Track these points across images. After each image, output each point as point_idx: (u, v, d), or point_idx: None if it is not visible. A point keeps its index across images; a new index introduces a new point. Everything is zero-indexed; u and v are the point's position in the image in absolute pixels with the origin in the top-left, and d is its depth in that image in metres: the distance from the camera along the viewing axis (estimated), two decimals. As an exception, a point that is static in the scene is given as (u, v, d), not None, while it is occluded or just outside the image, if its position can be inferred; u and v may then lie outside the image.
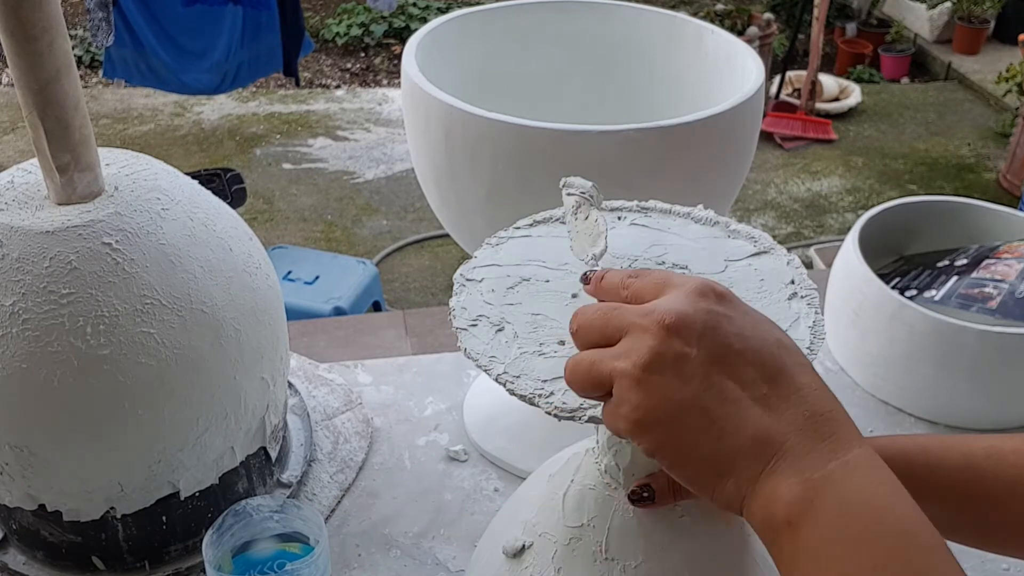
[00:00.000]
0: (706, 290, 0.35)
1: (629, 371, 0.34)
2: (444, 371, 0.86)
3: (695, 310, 0.34)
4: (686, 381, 0.34)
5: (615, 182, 0.64)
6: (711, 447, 0.33)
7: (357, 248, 2.66)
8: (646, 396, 0.34)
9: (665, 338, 0.34)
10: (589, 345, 0.37)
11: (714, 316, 0.34)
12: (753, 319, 0.36)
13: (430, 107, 0.66)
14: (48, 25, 0.54)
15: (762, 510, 0.33)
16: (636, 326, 0.35)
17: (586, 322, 0.37)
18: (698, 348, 0.34)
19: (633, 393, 0.34)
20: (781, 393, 0.33)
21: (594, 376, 0.36)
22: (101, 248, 0.56)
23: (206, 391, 0.60)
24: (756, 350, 0.34)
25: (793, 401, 0.33)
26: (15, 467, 0.58)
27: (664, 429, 0.34)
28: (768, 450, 0.33)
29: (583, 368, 0.36)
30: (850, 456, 0.32)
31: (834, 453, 0.32)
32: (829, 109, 3.48)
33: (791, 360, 0.34)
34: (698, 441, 0.34)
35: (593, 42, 0.83)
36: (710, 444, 0.33)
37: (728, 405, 0.33)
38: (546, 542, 0.46)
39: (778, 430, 0.33)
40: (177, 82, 2.37)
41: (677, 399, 0.34)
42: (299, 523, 0.61)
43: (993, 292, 0.79)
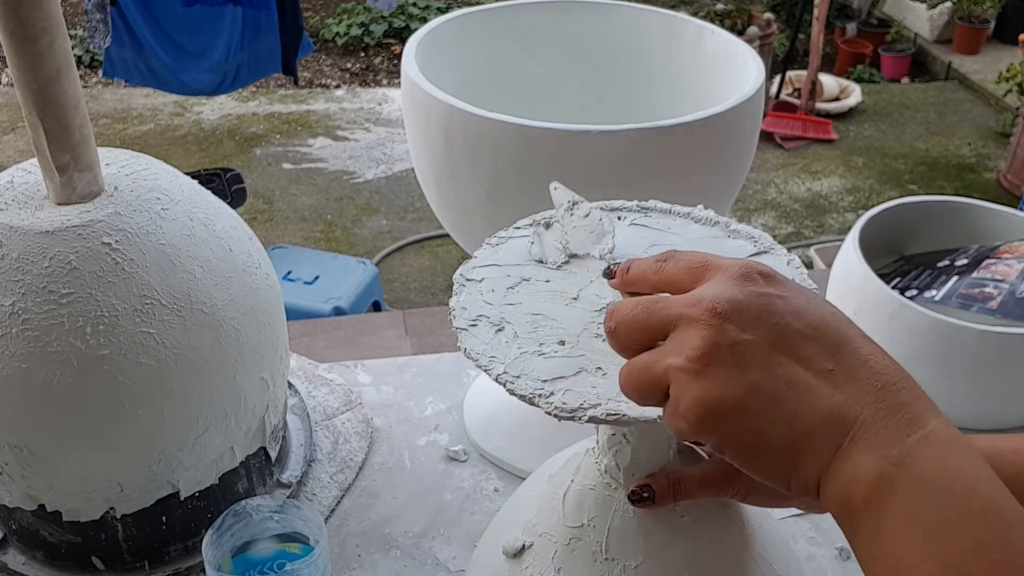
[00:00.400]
0: (751, 272, 0.34)
1: (685, 366, 0.32)
2: (444, 371, 0.86)
3: (746, 294, 0.33)
4: (747, 369, 0.32)
5: (615, 182, 0.64)
6: (782, 434, 0.32)
7: (357, 248, 2.66)
8: (707, 389, 0.32)
9: (719, 326, 0.32)
10: (631, 343, 0.35)
11: (766, 298, 0.33)
12: (805, 296, 0.34)
13: (430, 107, 0.66)
14: (48, 25, 0.54)
15: (839, 492, 0.31)
16: (685, 318, 0.33)
17: (626, 318, 0.35)
18: (755, 333, 0.32)
19: (692, 388, 0.32)
20: (847, 367, 0.32)
21: (649, 379, 0.34)
22: (101, 248, 0.56)
23: (206, 391, 0.60)
24: (815, 326, 0.33)
25: (861, 374, 0.32)
26: (15, 467, 0.58)
27: (731, 422, 0.32)
28: (842, 428, 0.31)
29: (636, 372, 0.34)
30: (928, 429, 0.31)
31: (911, 426, 0.31)
32: (829, 109, 3.48)
33: (851, 331, 0.33)
34: (768, 429, 0.32)
35: (593, 42, 0.83)
36: (781, 431, 0.32)
37: (795, 387, 0.32)
38: (546, 542, 0.46)
39: (850, 406, 0.31)
40: (176, 82, 2.37)
41: (741, 389, 0.32)
42: (299, 523, 0.61)
43: (993, 292, 0.79)
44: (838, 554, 0.69)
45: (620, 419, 0.39)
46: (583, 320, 0.43)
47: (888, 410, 0.31)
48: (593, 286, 0.46)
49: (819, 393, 0.32)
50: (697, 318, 0.33)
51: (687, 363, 0.32)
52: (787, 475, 0.32)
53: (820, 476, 0.32)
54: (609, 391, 0.40)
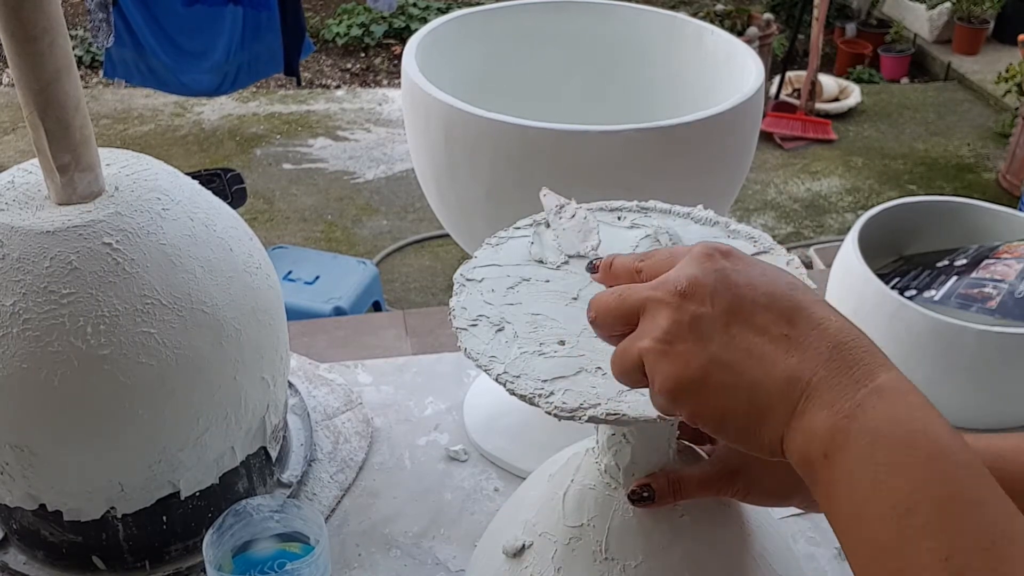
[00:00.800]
0: (710, 251, 0.36)
1: (653, 346, 0.35)
2: (444, 371, 0.86)
3: (703, 271, 0.35)
4: (707, 341, 0.34)
5: (615, 182, 0.64)
6: (744, 399, 0.34)
7: (357, 248, 2.66)
8: (672, 364, 0.34)
9: (679, 304, 0.34)
10: (609, 330, 0.37)
11: (722, 272, 0.35)
12: (761, 268, 0.36)
13: (430, 107, 0.66)
14: (49, 25, 0.54)
15: (799, 448, 0.33)
16: (651, 300, 0.35)
17: (602, 307, 0.37)
18: (712, 306, 0.34)
19: (661, 365, 0.34)
20: (801, 331, 0.33)
21: (627, 364, 0.36)
22: (101, 248, 0.56)
23: (206, 391, 0.60)
24: (769, 294, 0.34)
25: (814, 336, 0.33)
26: (16, 467, 0.58)
27: (696, 393, 0.34)
28: (797, 388, 0.33)
29: (618, 358, 0.37)
30: (878, 381, 0.32)
31: (862, 381, 0.32)
32: (829, 109, 3.48)
33: (805, 298, 0.35)
34: (731, 397, 0.34)
35: (593, 42, 0.83)
36: (743, 397, 0.34)
37: (752, 355, 0.34)
38: (546, 542, 0.46)
39: (804, 367, 0.33)
40: (177, 83, 2.37)
41: (701, 360, 0.34)
42: (299, 523, 0.61)
43: (992, 292, 0.79)
44: (837, 554, 0.69)
45: (620, 419, 0.39)
46: (583, 320, 0.43)
47: (841, 368, 0.33)
48: (593, 286, 0.46)
49: (775, 358, 0.33)
50: (660, 299, 0.35)
51: (654, 343, 0.35)
52: (754, 439, 0.34)
53: (782, 436, 0.33)
54: (609, 391, 0.40)
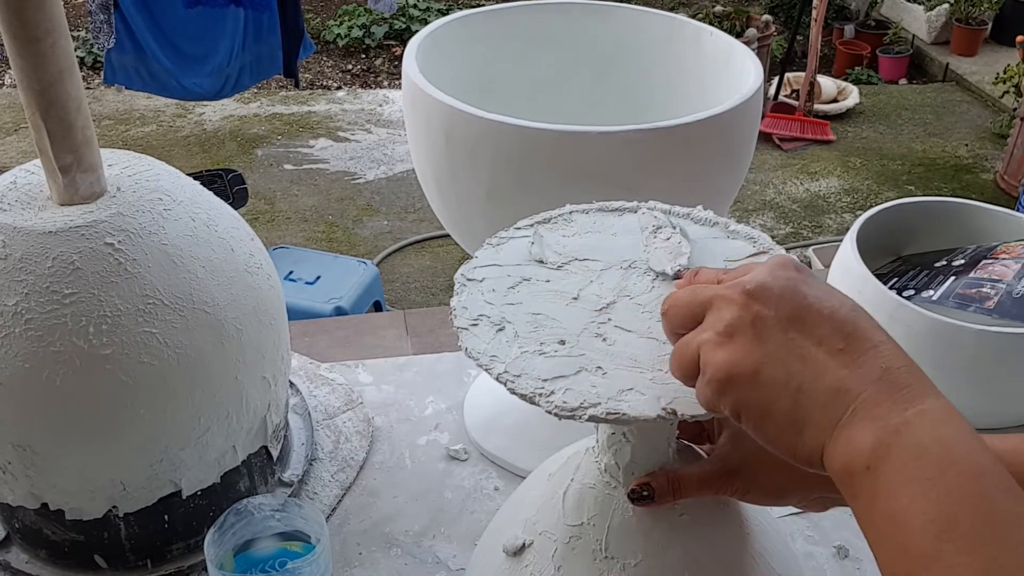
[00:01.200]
0: (786, 262, 0.38)
1: (713, 338, 0.36)
2: (445, 371, 0.86)
3: (774, 277, 0.36)
4: (765, 340, 0.35)
5: (615, 182, 0.64)
6: (790, 402, 0.35)
7: (358, 248, 2.66)
8: (727, 355, 0.35)
9: (745, 303, 0.36)
10: (677, 322, 0.39)
11: (792, 281, 0.36)
12: (829, 288, 0.37)
13: (431, 108, 0.67)
14: (51, 27, 0.54)
15: (841, 459, 0.34)
16: (720, 297, 0.37)
17: (675, 300, 0.39)
18: (776, 310, 0.35)
19: (715, 355, 0.36)
20: (857, 348, 0.35)
21: (686, 356, 0.37)
22: (103, 248, 0.56)
23: (208, 391, 0.60)
24: (833, 309, 0.36)
25: (869, 356, 0.34)
26: (18, 466, 0.59)
27: (745, 387, 0.35)
28: (845, 401, 0.34)
29: (678, 351, 0.38)
30: (926, 405, 0.33)
31: (910, 402, 0.33)
32: (827, 110, 3.48)
33: (866, 321, 0.36)
34: (777, 396, 0.35)
35: (593, 43, 0.83)
36: (789, 399, 0.35)
37: (805, 361, 0.35)
38: (546, 541, 0.47)
39: (854, 382, 0.34)
40: (178, 87, 2.37)
41: (755, 356, 0.35)
42: (300, 522, 0.61)
43: (990, 292, 0.80)
44: (836, 552, 0.70)
45: (620, 418, 0.39)
46: (583, 320, 0.44)
47: (891, 389, 0.33)
48: (593, 286, 0.46)
49: (827, 368, 0.34)
50: (729, 297, 0.37)
51: (715, 336, 0.36)
52: (793, 443, 0.35)
53: (823, 446, 0.34)
54: (609, 390, 0.40)
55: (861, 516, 0.34)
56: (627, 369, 0.41)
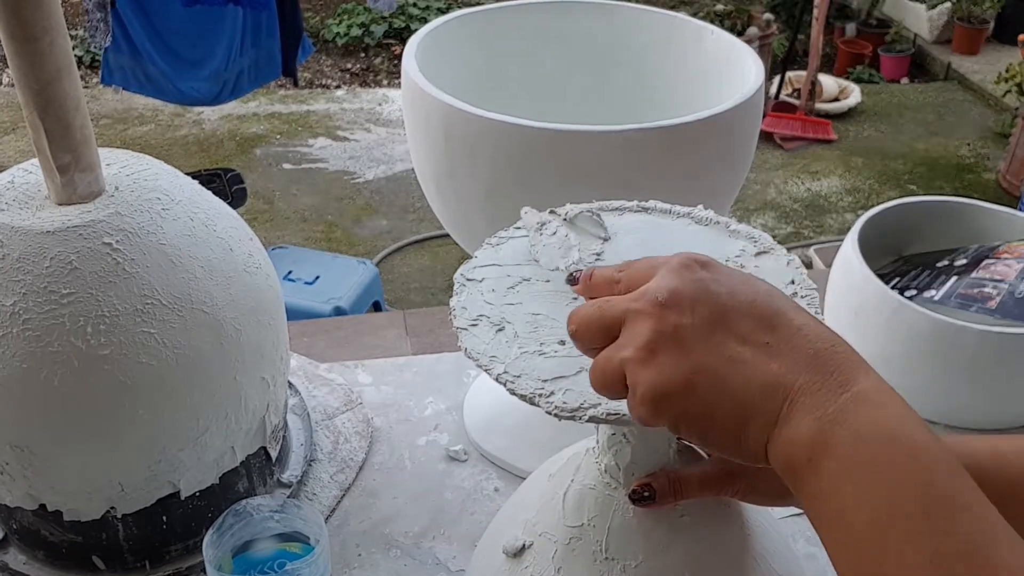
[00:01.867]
0: (689, 261, 0.36)
1: (635, 356, 0.35)
2: (444, 371, 0.86)
3: (683, 281, 0.35)
4: (689, 349, 0.34)
5: (615, 182, 0.64)
6: (727, 406, 0.34)
7: (357, 248, 2.66)
8: (655, 373, 0.34)
9: (660, 315, 0.35)
10: (589, 342, 0.38)
11: (702, 282, 0.35)
12: (740, 276, 0.37)
13: (430, 107, 0.66)
14: (49, 25, 0.54)
15: (783, 455, 0.33)
16: (631, 311, 0.36)
17: (583, 320, 0.38)
18: (694, 316, 0.35)
19: (643, 375, 0.35)
20: (782, 337, 0.34)
21: (608, 374, 0.36)
22: (102, 248, 0.56)
23: (206, 391, 0.60)
24: (749, 302, 0.35)
25: (795, 343, 0.34)
26: (16, 467, 0.58)
27: (679, 401, 0.34)
28: (779, 395, 0.33)
29: (598, 369, 0.37)
30: (859, 387, 0.33)
31: (843, 386, 0.33)
32: (829, 109, 3.48)
33: (784, 304, 0.35)
34: (713, 403, 0.34)
35: (593, 42, 0.83)
36: (725, 404, 0.34)
37: (735, 362, 0.34)
38: (546, 542, 0.46)
39: (786, 374, 0.33)
40: (175, 91, 2.35)
41: (684, 369, 0.34)
42: (299, 523, 0.61)
43: (992, 292, 0.79)
44: (838, 554, 0.69)
45: (620, 419, 0.39)
46: (583, 320, 0.43)
47: (822, 374, 0.33)
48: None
49: (757, 365, 0.34)
50: (641, 310, 0.35)
51: (636, 353, 0.35)
52: (737, 446, 0.35)
53: (766, 442, 0.34)
54: (609, 391, 0.40)
55: (808, 509, 0.33)
56: (627, 370, 0.41)
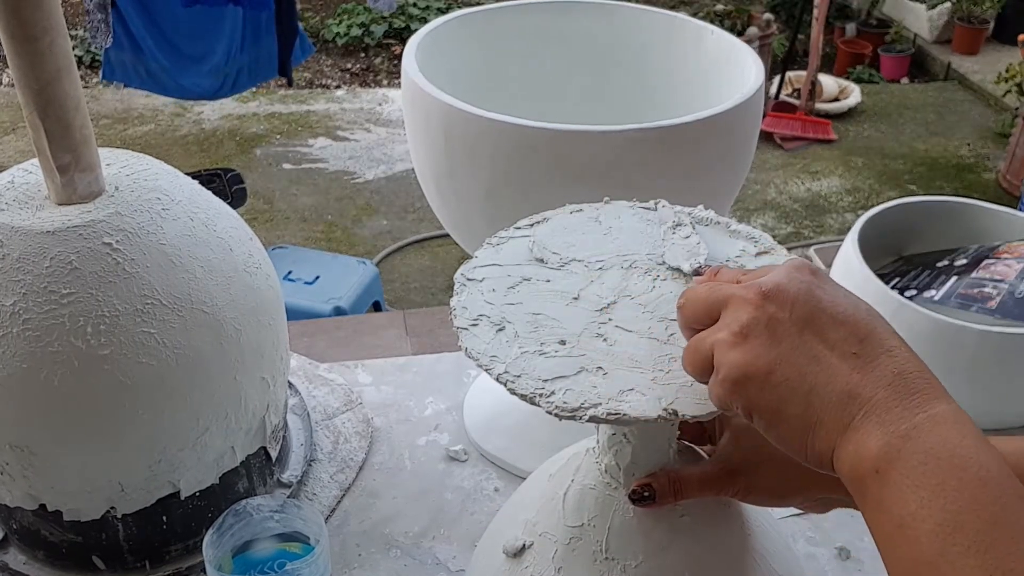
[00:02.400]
0: (802, 266, 0.38)
1: (728, 338, 0.36)
2: (444, 371, 0.86)
3: (790, 279, 0.37)
4: (779, 341, 0.35)
5: (615, 182, 0.64)
6: (801, 403, 0.35)
7: (357, 248, 2.66)
8: (740, 356, 0.36)
9: (761, 304, 0.36)
10: (692, 318, 0.39)
11: (807, 284, 0.37)
12: (845, 292, 0.38)
13: (430, 107, 0.66)
14: (48, 25, 0.54)
15: (850, 461, 0.34)
16: (735, 297, 0.37)
17: (692, 295, 0.40)
18: (791, 312, 0.36)
19: (729, 355, 0.36)
20: (870, 352, 0.35)
21: (701, 353, 0.38)
22: (102, 248, 0.56)
23: (206, 391, 0.60)
24: (847, 313, 0.36)
25: (882, 360, 0.35)
26: (16, 467, 0.58)
27: (757, 387, 0.35)
28: (855, 404, 0.34)
29: (692, 348, 0.38)
30: (936, 410, 0.33)
31: (920, 407, 0.33)
32: (829, 109, 3.48)
33: (880, 325, 0.36)
34: (789, 398, 0.35)
35: (593, 42, 0.83)
36: (800, 400, 0.35)
37: (818, 363, 0.35)
38: (546, 542, 0.46)
39: (866, 386, 0.34)
40: (176, 86, 2.36)
41: (769, 357, 0.35)
42: (299, 523, 0.61)
43: (992, 292, 0.79)
44: (837, 553, 0.69)
45: (620, 419, 0.39)
46: (584, 320, 0.43)
47: (901, 394, 0.34)
48: (593, 286, 0.46)
49: (839, 372, 0.35)
50: (745, 296, 0.37)
51: (729, 335, 0.37)
52: (803, 445, 0.36)
53: (833, 448, 0.35)
54: (609, 390, 0.40)
55: (869, 519, 0.34)
56: (628, 369, 0.41)
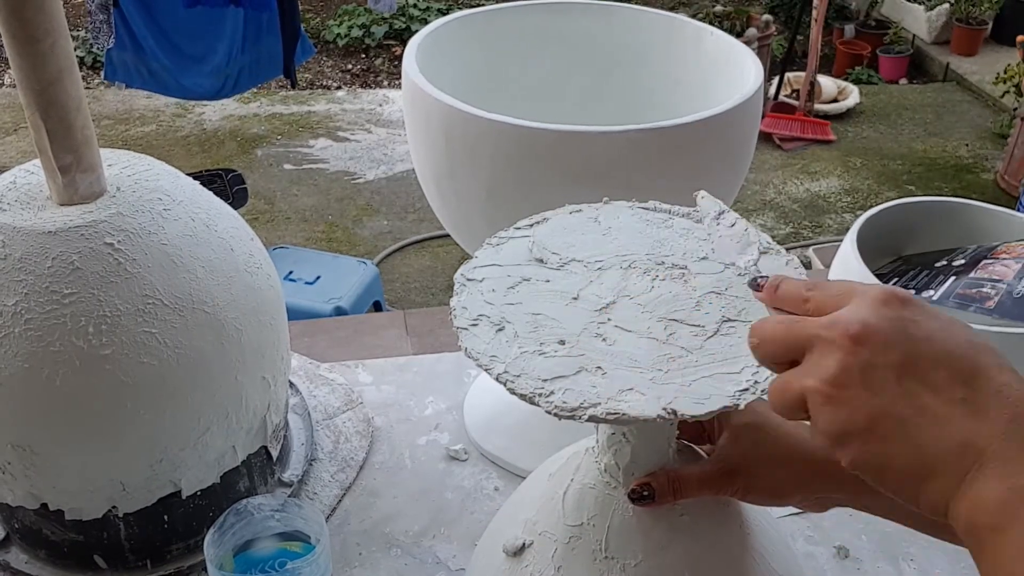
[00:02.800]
0: (889, 297, 0.35)
1: (819, 388, 0.34)
2: (444, 371, 0.86)
3: (879, 318, 0.34)
4: (877, 392, 0.33)
5: (615, 182, 0.64)
6: (911, 456, 0.33)
7: (358, 248, 2.66)
8: (837, 410, 0.33)
9: (852, 349, 0.33)
10: (770, 358, 0.37)
11: (900, 322, 0.34)
12: (941, 321, 0.35)
13: (430, 108, 0.67)
14: (50, 26, 0.54)
15: (966, 515, 0.32)
16: (821, 339, 0.34)
17: (767, 335, 0.37)
18: (886, 356, 0.33)
19: (827, 409, 0.34)
20: (980, 395, 0.33)
21: (789, 399, 0.35)
22: (103, 248, 0.56)
23: (207, 391, 0.60)
24: (948, 352, 0.33)
25: (993, 404, 0.32)
26: (17, 466, 0.59)
27: (860, 442, 0.33)
28: (970, 456, 0.32)
29: (777, 393, 0.36)
30: None
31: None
32: (828, 110, 3.48)
33: (986, 359, 0.34)
34: (897, 451, 0.33)
35: (593, 43, 0.83)
36: (909, 453, 0.33)
37: (924, 414, 0.33)
38: (546, 541, 0.47)
39: (980, 435, 0.32)
40: (177, 86, 2.36)
41: (869, 411, 0.33)
42: (300, 522, 0.61)
43: (991, 292, 0.79)
44: (836, 552, 0.70)
45: (620, 418, 0.39)
46: (583, 320, 0.44)
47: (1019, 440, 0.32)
48: (592, 286, 0.46)
49: (948, 420, 0.32)
50: (832, 340, 0.34)
51: (821, 385, 0.34)
52: (915, 495, 0.33)
53: (949, 499, 0.33)
54: (609, 390, 0.40)
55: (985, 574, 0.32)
56: (627, 369, 0.41)
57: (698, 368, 0.41)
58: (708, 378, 0.40)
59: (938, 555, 0.69)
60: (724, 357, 0.41)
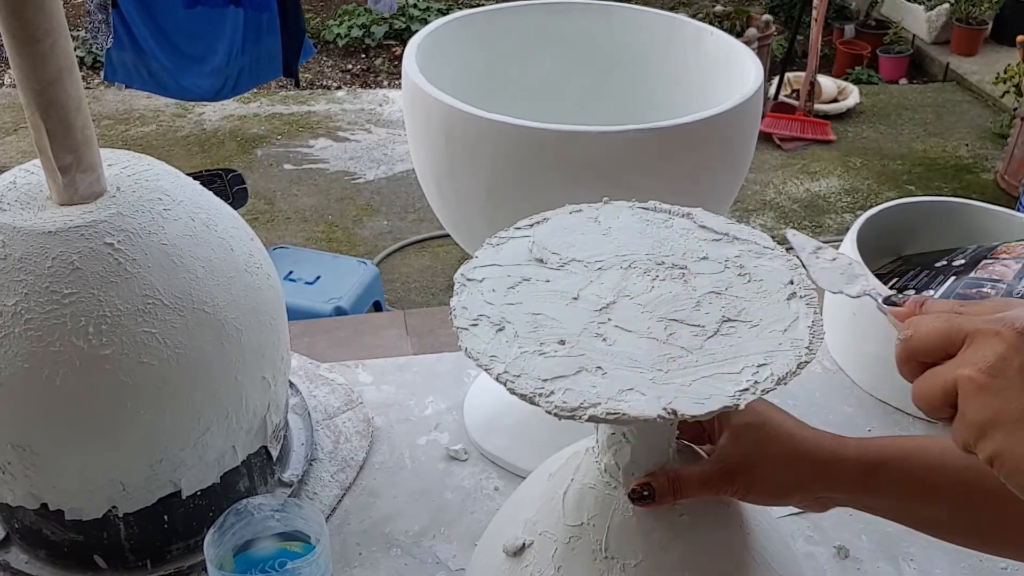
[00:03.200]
0: None
1: (973, 376, 0.34)
2: (444, 371, 0.86)
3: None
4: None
5: (615, 182, 0.64)
6: None
7: (358, 248, 2.66)
8: (990, 400, 0.33)
9: (1016, 342, 0.33)
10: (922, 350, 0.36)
11: None
12: None
13: (430, 108, 0.67)
14: (50, 27, 0.54)
15: None
16: (983, 332, 0.34)
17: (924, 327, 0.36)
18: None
19: (976, 398, 0.33)
20: None
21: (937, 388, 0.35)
22: (103, 248, 0.56)
23: (207, 391, 0.60)
24: None
25: None
26: (17, 466, 0.59)
27: (1005, 435, 0.33)
28: None
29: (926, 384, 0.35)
30: None
31: None
32: (828, 110, 3.48)
33: None
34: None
35: (593, 43, 0.83)
36: None
37: None
38: (546, 541, 0.47)
39: None
40: (177, 87, 2.36)
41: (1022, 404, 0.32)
42: (300, 522, 0.61)
43: (991, 292, 0.79)
44: (836, 552, 0.70)
45: (620, 418, 0.39)
46: (583, 320, 0.44)
47: None
48: (592, 286, 0.46)
49: None
50: (996, 332, 0.34)
51: (977, 373, 0.33)
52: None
53: None
54: (609, 390, 0.40)
55: None
56: (627, 369, 0.41)
57: (698, 368, 0.41)
58: (708, 378, 0.40)
59: (938, 555, 0.69)
60: (724, 357, 0.41)
